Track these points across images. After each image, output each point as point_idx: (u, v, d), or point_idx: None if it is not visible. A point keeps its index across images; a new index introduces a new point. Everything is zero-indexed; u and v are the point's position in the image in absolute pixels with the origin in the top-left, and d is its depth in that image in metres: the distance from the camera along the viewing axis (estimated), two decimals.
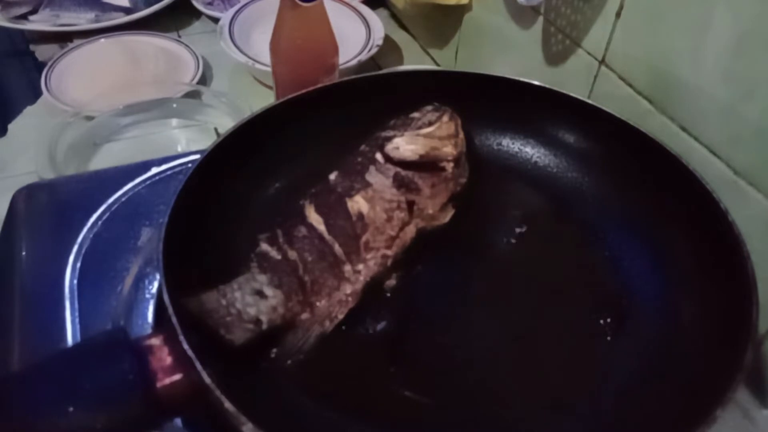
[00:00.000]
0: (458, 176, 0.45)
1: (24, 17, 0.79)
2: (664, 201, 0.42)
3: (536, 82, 0.48)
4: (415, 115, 0.45)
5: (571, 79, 0.56)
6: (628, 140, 0.44)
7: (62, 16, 0.79)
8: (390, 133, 0.44)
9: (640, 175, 0.44)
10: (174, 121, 0.66)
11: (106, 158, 0.61)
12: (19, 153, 0.62)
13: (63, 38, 0.79)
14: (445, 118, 0.45)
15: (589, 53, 0.53)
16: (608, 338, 0.39)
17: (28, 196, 0.47)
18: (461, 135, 0.45)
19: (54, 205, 0.47)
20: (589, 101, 0.47)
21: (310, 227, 0.40)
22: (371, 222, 0.40)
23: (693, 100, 0.44)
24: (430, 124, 0.44)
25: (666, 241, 0.41)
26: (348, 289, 0.39)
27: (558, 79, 0.58)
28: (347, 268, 0.39)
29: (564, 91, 0.47)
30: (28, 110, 0.69)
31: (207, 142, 0.54)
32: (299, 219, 0.40)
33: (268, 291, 0.36)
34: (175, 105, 0.65)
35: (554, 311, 0.41)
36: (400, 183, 0.42)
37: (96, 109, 0.63)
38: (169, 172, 0.49)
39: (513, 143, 0.50)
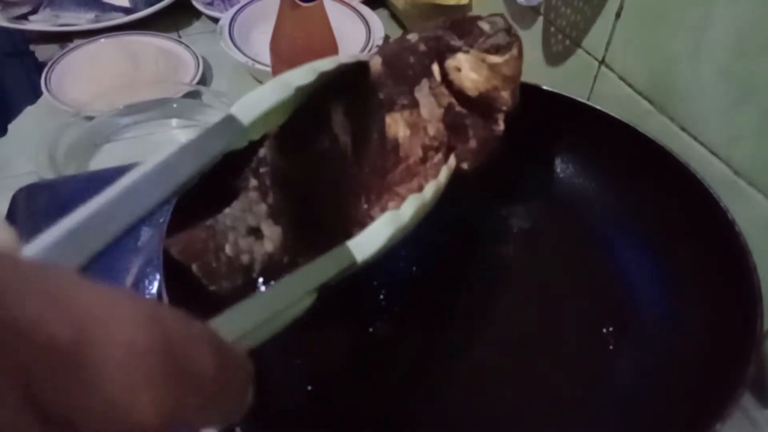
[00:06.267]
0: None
1: (24, 17, 0.79)
2: (672, 210, 0.42)
3: (546, 87, 0.47)
4: (485, 27, 0.36)
5: (571, 80, 0.56)
6: (636, 147, 0.44)
7: (62, 16, 0.79)
8: (454, 40, 0.35)
9: (647, 183, 0.44)
10: (174, 121, 0.66)
11: (106, 158, 0.61)
12: (19, 153, 0.62)
13: (63, 38, 0.79)
14: (515, 51, 0.36)
15: (589, 53, 0.53)
16: (611, 347, 0.38)
17: (28, 196, 0.47)
18: (518, 83, 0.37)
19: (54, 205, 0.47)
20: (598, 107, 0.46)
21: (333, 138, 0.30)
22: (404, 156, 0.31)
23: (693, 100, 0.44)
24: (498, 50, 0.35)
25: (672, 251, 0.41)
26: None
27: (558, 79, 0.58)
28: (363, 207, 0.30)
29: (574, 97, 0.47)
30: (28, 110, 0.69)
31: None
32: (322, 124, 0.30)
33: (266, 228, 0.29)
34: (175, 105, 0.65)
35: (557, 318, 0.41)
36: (451, 120, 0.33)
37: (96, 109, 0.63)
38: None
39: (519, 148, 0.50)
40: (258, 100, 0.24)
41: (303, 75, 0.25)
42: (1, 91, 0.80)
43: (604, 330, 0.39)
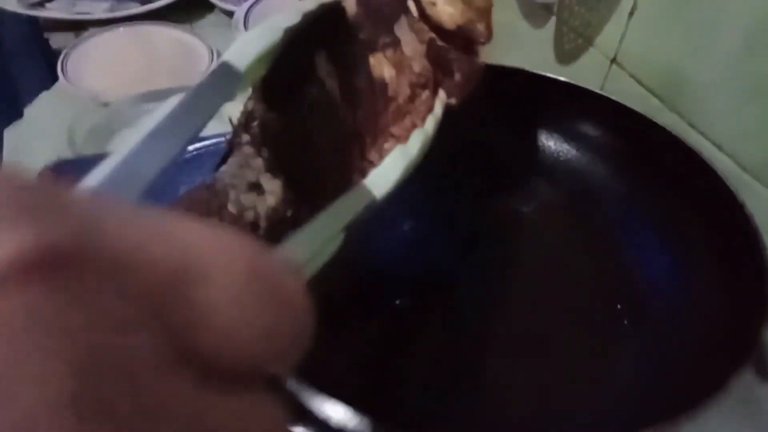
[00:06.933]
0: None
1: (41, 4, 0.80)
2: (686, 198, 0.42)
3: (562, 78, 0.48)
4: None
5: (582, 78, 0.57)
6: (651, 136, 0.44)
7: (78, 4, 0.80)
8: None
9: (662, 171, 0.44)
10: None
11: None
12: (34, 139, 0.62)
13: (78, 27, 0.79)
14: None
15: (600, 52, 0.55)
16: (625, 323, 0.39)
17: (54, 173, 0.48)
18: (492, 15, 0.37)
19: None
20: (613, 97, 0.46)
21: (320, 85, 0.29)
22: (393, 96, 0.30)
23: (702, 98, 0.45)
24: None
25: (687, 239, 0.41)
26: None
27: (568, 77, 0.59)
28: (360, 152, 0.29)
29: (588, 87, 0.47)
30: (44, 96, 0.69)
31: (220, 130, 0.55)
32: (307, 72, 0.29)
33: (266, 183, 0.27)
34: None
35: (570, 303, 0.41)
36: (435, 55, 0.33)
37: (113, 96, 0.63)
38: (188, 156, 0.50)
39: (536, 137, 0.50)
40: (250, 45, 0.23)
41: (289, 17, 0.25)
42: (17, 78, 0.81)
43: (619, 306, 0.40)
